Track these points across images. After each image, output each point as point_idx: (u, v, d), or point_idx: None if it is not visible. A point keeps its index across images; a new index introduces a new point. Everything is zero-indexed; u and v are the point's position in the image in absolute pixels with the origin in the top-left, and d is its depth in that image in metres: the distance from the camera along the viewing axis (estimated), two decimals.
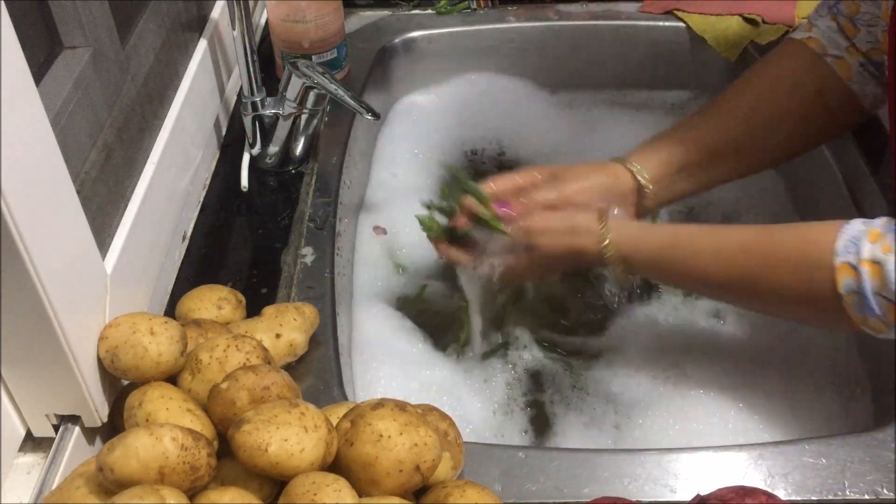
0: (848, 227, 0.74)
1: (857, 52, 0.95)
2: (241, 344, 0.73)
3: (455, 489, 0.67)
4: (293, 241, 0.99)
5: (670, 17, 1.34)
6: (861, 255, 0.72)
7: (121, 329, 0.72)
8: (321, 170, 1.09)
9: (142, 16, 0.93)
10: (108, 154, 0.82)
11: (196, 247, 1.00)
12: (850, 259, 0.72)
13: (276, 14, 1.16)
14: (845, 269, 0.72)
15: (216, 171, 1.10)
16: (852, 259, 0.72)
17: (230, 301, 0.85)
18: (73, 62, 0.78)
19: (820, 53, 0.96)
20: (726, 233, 0.87)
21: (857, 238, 0.73)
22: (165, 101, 0.98)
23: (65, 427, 0.72)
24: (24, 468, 0.71)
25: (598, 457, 0.77)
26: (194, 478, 0.63)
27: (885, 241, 0.71)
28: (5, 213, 0.58)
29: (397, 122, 1.33)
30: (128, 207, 0.85)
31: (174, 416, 0.68)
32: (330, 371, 0.84)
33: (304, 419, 0.65)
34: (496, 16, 1.37)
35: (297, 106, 1.04)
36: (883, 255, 0.70)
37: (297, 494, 0.62)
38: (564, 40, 1.35)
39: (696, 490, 0.69)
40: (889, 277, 0.70)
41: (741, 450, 0.77)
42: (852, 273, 0.72)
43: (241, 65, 1.03)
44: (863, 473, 0.73)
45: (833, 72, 0.95)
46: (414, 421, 0.67)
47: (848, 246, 0.73)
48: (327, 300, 0.91)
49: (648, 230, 0.91)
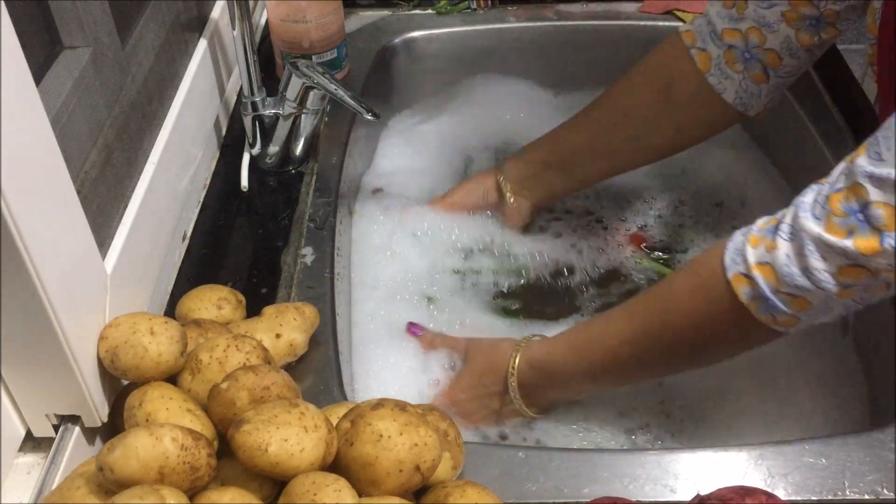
0: (730, 242, 0.75)
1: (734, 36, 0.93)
2: (241, 344, 0.73)
3: (455, 489, 0.67)
4: (293, 241, 0.99)
5: (670, 17, 1.34)
6: (748, 262, 0.72)
7: (121, 329, 0.72)
8: (321, 170, 1.09)
9: (142, 16, 0.93)
10: (108, 154, 0.82)
11: (196, 247, 1.00)
12: (739, 269, 0.72)
13: (276, 14, 1.16)
14: (738, 279, 0.73)
15: (216, 171, 1.10)
16: (741, 269, 0.72)
17: (230, 301, 0.85)
18: (73, 62, 0.78)
19: (689, 45, 0.97)
20: (628, 301, 0.85)
21: (740, 248, 0.73)
22: (165, 101, 0.98)
23: (65, 427, 0.72)
24: (24, 468, 0.71)
25: (598, 457, 0.77)
26: (194, 478, 0.63)
27: (766, 242, 0.71)
28: (5, 213, 0.58)
29: (398, 122, 1.33)
30: (128, 207, 0.85)
31: (174, 416, 0.68)
32: (330, 371, 0.84)
33: (304, 419, 0.65)
34: (496, 16, 1.37)
35: (297, 106, 1.04)
36: (768, 254, 0.71)
37: (297, 494, 0.62)
38: (564, 40, 1.35)
39: (696, 490, 0.69)
40: (781, 272, 0.70)
41: (741, 450, 0.77)
42: (746, 281, 0.72)
43: (241, 65, 1.03)
44: (863, 473, 0.73)
45: (693, 65, 0.96)
46: (414, 421, 0.67)
47: (734, 258, 0.73)
48: (327, 300, 0.91)
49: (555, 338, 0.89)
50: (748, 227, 0.74)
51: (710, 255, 0.76)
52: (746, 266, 0.72)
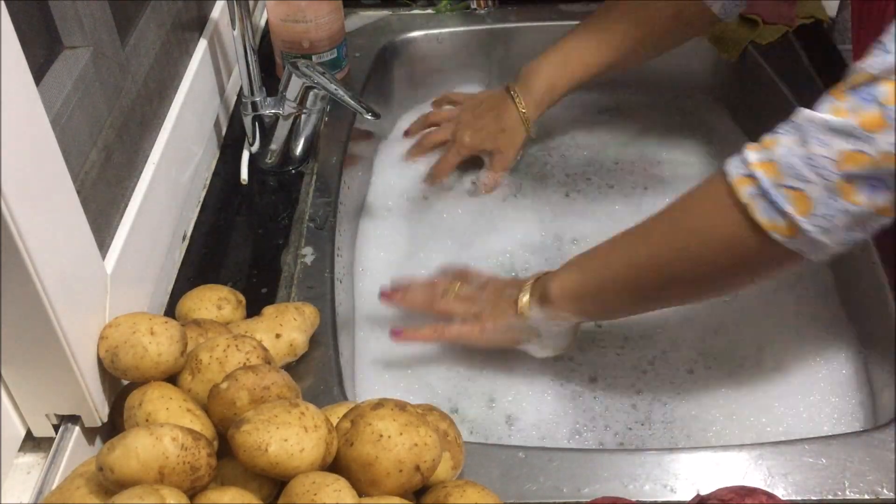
0: (733, 157, 0.75)
1: None
2: (241, 344, 0.73)
3: (455, 489, 0.67)
4: (293, 241, 0.99)
5: None
6: (749, 162, 0.72)
7: (121, 329, 0.72)
8: (321, 170, 1.09)
9: (142, 16, 0.93)
10: (108, 154, 0.82)
11: (196, 247, 1.00)
12: (741, 171, 0.72)
13: (276, 14, 1.16)
14: (740, 180, 0.72)
15: (216, 171, 1.10)
16: (743, 170, 0.72)
17: (230, 301, 0.85)
18: (73, 62, 0.78)
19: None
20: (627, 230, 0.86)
21: (741, 154, 0.73)
22: (165, 101, 0.98)
23: (65, 427, 0.72)
24: (24, 468, 0.71)
25: (598, 457, 0.77)
26: (194, 478, 0.63)
27: (765, 140, 0.72)
28: (5, 213, 0.58)
29: (398, 122, 1.33)
30: (128, 207, 0.85)
31: (174, 416, 0.68)
32: (330, 371, 0.84)
33: (304, 419, 0.65)
34: (497, 16, 1.37)
35: (297, 106, 1.04)
36: (767, 150, 0.71)
37: (297, 494, 0.62)
38: None
39: (696, 490, 0.69)
40: (781, 163, 0.69)
41: (741, 450, 0.77)
42: (748, 180, 0.72)
43: (241, 65, 1.03)
44: (863, 473, 0.73)
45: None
46: (414, 421, 0.67)
47: (735, 164, 0.73)
48: (327, 300, 0.91)
49: (568, 264, 0.90)
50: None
51: (714, 176, 0.76)
52: (747, 167, 0.72)
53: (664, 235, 0.82)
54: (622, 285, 0.86)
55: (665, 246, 0.81)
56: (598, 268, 0.88)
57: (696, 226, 0.79)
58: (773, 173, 0.70)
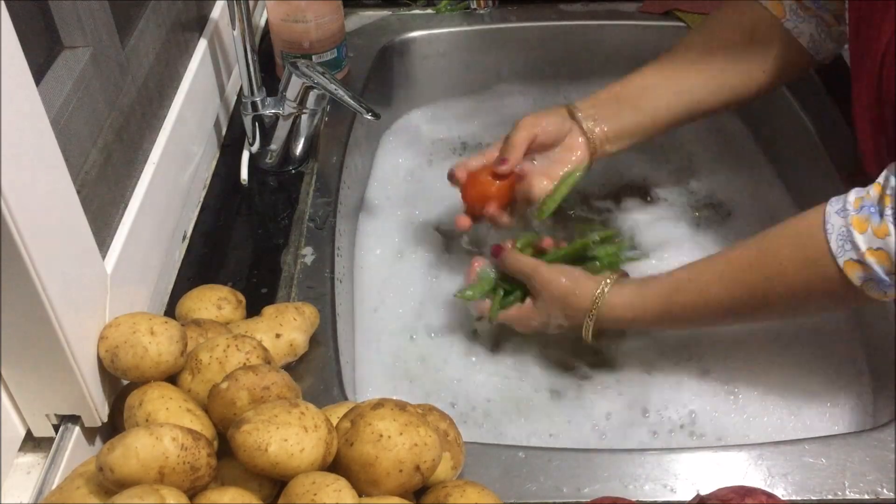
0: (830, 226, 0.77)
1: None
2: (241, 344, 0.73)
3: (455, 489, 0.67)
4: (293, 241, 0.99)
5: (670, 17, 1.34)
6: (860, 249, 0.75)
7: (121, 329, 0.72)
8: (321, 170, 1.09)
9: (142, 16, 0.93)
10: (108, 154, 0.82)
11: (196, 247, 1.00)
12: (851, 256, 0.75)
13: (276, 14, 1.16)
14: (851, 266, 0.75)
15: (216, 171, 1.10)
16: (853, 255, 0.75)
17: (230, 301, 0.85)
18: (73, 62, 0.78)
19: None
20: (722, 259, 0.87)
21: (845, 234, 0.76)
22: (165, 101, 0.98)
23: (65, 427, 0.72)
24: (24, 468, 0.71)
25: (598, 457, 0.77)
26: (194, 478, 0.63)
27: (872, 225, 0.74)
28: (5, 213, 0.58)
29: (398, 121, 1.33)
30: (128, 207, 0.85)
31: (174, 416, 0.68)
32: (330, 371, 0.84)
33: (304, 419, 0.65)
34: (496, 16, 1.37)
35: (297, 106, 1.04)
36: (880, 240, 0.73)
37: (297, 494, 0.62)
38: (565, 40, 1.35)
39: (696, 490, 0.69)
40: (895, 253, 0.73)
41: (741, 450, 0.77)
42: (860, 267, 0.75)
43: (241, 65, 1.03)
44: (863, 473, 0.73)
45: (768, 12, 1.01)
46: (414, 421, 0.67)
47: (843, 245, 0.76)
48: (327, 300, 0.91)
49: (646, 287, 0.90)
50: (842, 206, 0.77)
51: (811, 228, 0.78)
52: (859, 253, 0.75)
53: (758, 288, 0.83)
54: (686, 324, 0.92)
55: (758, 298, 0.83)
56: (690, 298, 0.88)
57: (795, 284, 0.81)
58: (887, 263, 0.74)
